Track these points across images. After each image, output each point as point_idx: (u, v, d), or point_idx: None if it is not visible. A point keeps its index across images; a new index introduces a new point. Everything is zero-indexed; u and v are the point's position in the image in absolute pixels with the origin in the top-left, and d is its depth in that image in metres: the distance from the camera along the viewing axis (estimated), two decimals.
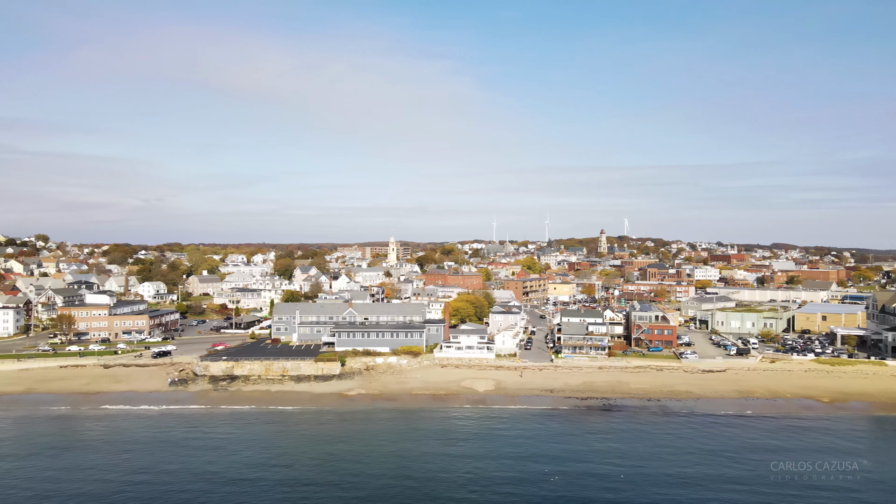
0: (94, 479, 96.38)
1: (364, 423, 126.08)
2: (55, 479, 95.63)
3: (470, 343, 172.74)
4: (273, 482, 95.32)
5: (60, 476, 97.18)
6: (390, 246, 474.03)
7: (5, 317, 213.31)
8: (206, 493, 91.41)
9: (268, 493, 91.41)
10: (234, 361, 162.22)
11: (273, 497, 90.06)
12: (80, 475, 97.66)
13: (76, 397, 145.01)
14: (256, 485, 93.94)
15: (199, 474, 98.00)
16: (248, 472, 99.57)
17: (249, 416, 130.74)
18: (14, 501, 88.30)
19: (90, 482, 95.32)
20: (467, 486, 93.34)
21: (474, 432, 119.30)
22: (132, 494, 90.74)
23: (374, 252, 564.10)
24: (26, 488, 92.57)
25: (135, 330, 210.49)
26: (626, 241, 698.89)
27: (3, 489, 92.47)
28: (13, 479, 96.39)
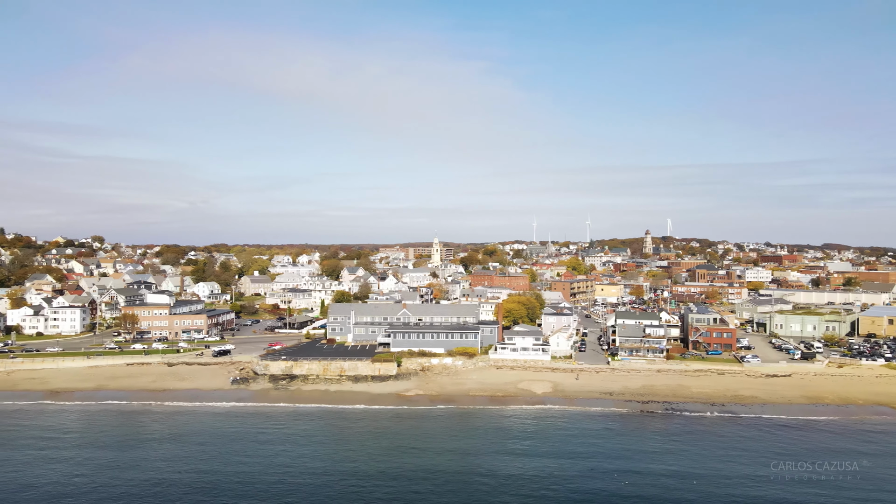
0: (169, 471, 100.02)
1: (425, 422, 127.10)
2: (135, 470, 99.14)
3: (525, 345, 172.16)
4: (342, 477, 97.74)
5: (139, 466, 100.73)
6: (434, 247, 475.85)
7: (73, 315, 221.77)
8: (277, 486, 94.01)
9: (338, 488, 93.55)
10: (293, 361, 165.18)
11: (343, 491, 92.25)
12: (156, 466, 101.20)
13: (145, 394, 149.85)
14: (327, 480, 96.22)
15: (271, 469, 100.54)
16: (318, 467, 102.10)
17: (312, 415, 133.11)
18: (106, 489, 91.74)
19: (165, 473, 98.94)
20: (537, 485, 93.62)
21: (537, 433, 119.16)
22: (207, 487, 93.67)
23: (417, 253, 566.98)
24: (111, 477, 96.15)
25: (193, 329, 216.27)
26: (671, 241, 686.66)
27: (89, 479, 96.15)
28: (97, 469, 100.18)
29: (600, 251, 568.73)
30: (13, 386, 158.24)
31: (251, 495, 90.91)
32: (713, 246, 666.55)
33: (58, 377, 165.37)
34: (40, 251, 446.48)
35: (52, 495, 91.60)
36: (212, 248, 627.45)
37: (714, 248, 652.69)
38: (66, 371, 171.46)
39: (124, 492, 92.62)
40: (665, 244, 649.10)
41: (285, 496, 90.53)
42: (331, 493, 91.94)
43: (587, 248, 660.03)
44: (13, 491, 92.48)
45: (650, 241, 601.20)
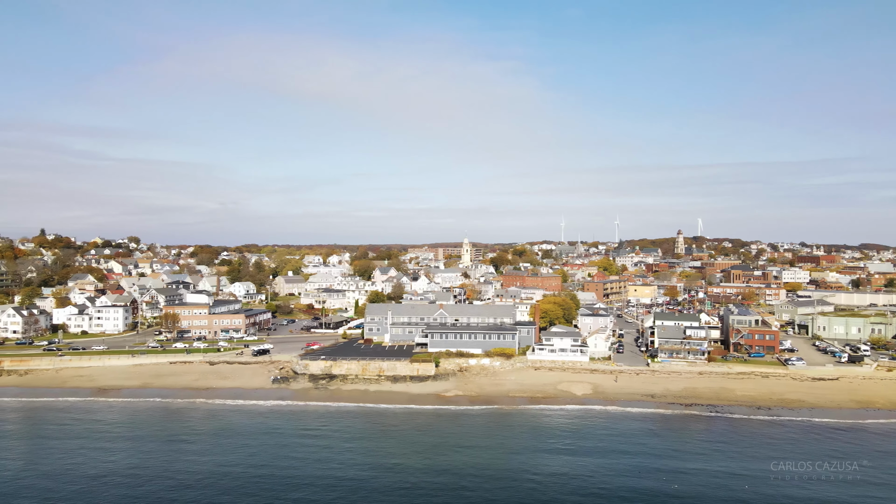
0: (218, 465, 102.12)
1: (467, 421, 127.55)
2: (186, 463, 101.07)
3: (563, 346, 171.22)
4: (387, 472, 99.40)
5: (190, 461, 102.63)
6: (464, 247, 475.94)
7: (116, 315, 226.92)
8: (323, 480, 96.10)
9: (384, 482, 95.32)
10: (332, 361, 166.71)
11: (389, 485, 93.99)
12: (205, 461, 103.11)
13: (189, 392, 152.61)
14: (372, 475, 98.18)
15: (317, 465, 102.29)
16: (363, 462, 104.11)
17: (353, 413, 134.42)
18: (160, 480, 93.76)
19: (214, 467, 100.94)
20: (585, 483, 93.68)
21: (581, 433, 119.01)
22: (257, 481, 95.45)
23: (447, 254, 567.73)
24: (164, 469, 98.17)
25: (232, 329, 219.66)
26: (702, 241, 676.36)
27: (143, 470, 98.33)
28: (149, 462, 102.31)
29: (631, 251, 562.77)
30: (62, 383, 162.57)
31: (300, 488, 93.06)
32: (746, 246, 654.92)
33: (104, 375, 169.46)
34: (80, 251, 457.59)
35: (109, 484, 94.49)
36: (243, 248, 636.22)
37: (747, 248, 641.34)
38: (111, 369, 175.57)
39: (178, 482, 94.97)
40: (696, 244, 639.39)
41: (332, 490, 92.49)
42: (377, 486, 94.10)
43: (616, 248, 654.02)
44: (69, 480, 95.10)
45: (682, 241, 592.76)
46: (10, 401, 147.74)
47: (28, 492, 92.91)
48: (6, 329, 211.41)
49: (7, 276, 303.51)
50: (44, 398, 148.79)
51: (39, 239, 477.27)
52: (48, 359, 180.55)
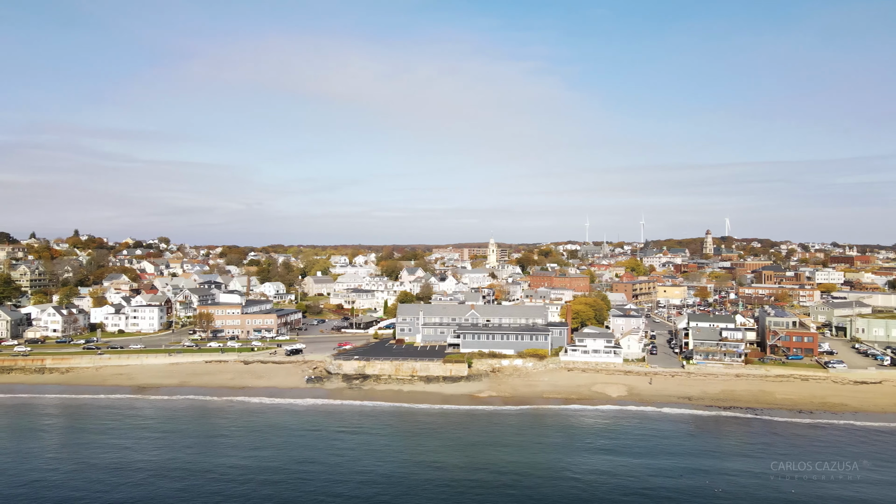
0: (259, 462, 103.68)
1: (503, 421, 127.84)
2: (229, 459, 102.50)
3: (596, 347, 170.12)
4: (428, 469, 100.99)
5: (231, 457, 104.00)
6: (490, 247, 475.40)
7: (151, 314, 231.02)
8: (365, 474, 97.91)
9: (424, 476, 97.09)
10: (366, 361, 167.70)
11: (430, 480, 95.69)
12: (246, 458, 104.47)
13: (225, 391, 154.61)
14: (413, 472, 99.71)
15: (358, 462, 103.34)
16: (403, 460, 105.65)
17: (389, 413, 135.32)
18: (204, 476, 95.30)
19: (256, 463, 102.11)
20: (629, 485, 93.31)
21: (620, 434, 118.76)
22: (300, 478, 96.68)
23: (472, 254, 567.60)
24: (208, 466, 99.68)
25: (264, 328, 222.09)
26: (730, 241, 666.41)
27: (186, 465, 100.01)
28: (193, 458, 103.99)
29: (658, 252, 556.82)
30: (103, 381, 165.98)
31: (341, 483, 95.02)
32: (776, 246, 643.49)
33: (143, 373, 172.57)
34: (112, 252, 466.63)
35: (159, 478, 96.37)
36: (269, 248, 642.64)
37: (777, 248, 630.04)
38: (149, 367, 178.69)
39: (221, 477, 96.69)
40: (726, 244, 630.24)
41: (373, 485, 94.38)
42: (416, 482, 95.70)
43: (642, 248, 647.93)
44: (118, 474, 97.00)
45: (710, 241, 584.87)
46: (54, 398, 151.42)
47: (80, 485, 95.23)
48: (46, 328, 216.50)
49: (45, 276, 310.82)
50: (86, 395, 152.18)
51: (73, 239, 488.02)
52: (88, 357, 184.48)
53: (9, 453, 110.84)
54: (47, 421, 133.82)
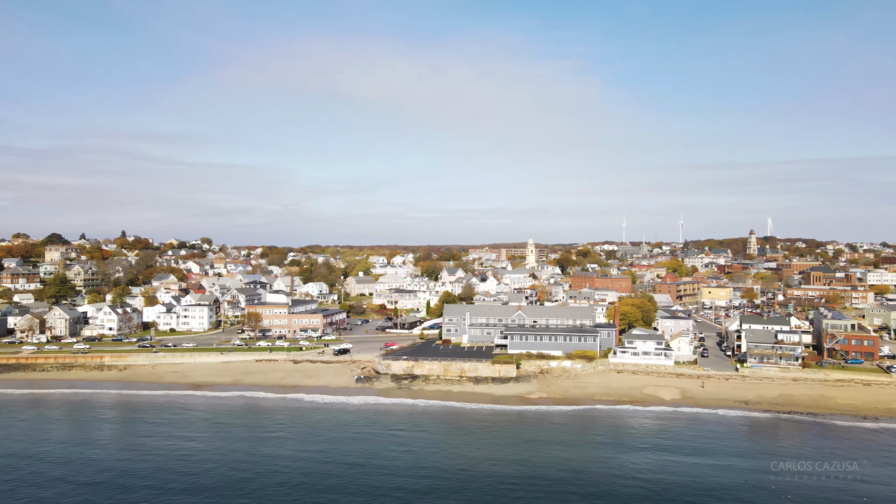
0: (318, 461, 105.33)
1: (556, 423, 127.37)
2: (290, 458, 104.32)
3: (646, 349, 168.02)
4: (485, 467, 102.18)
5: (291, 456, 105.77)
6: (528, 248, 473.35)
7: (201, 313, 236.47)
8: (423, 470, 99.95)
9: (480, 471, 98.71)
10: (414, 361, 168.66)
11: (488, 475, 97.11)
12: (307, 456, 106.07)
13: (277, 389, 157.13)
14: (471, 469, 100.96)
15: (415, 461, 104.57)
16: (459, 456, 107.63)
17: (441, 413, 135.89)
18: (271, 475, 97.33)
19: (315, 464, 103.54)
20: (698, 485, 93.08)
21: (681, 436, 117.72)
22: (356, 476, 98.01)
23: (509, 254, 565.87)
24: (274, 463, 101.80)
25: (310, 328, 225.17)
26: (774, 241, 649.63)
27: (253, 459, 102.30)
28: (259, 454, 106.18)
29: (700, 252, 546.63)
30: (159, 378, 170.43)
31: (398, 477, 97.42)
32: (822, 246, 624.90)
33: (196, 371, 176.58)
34: (158, 252, 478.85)
35: (220, 473, 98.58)
36: (307, 249, 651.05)
37: (823, 248, 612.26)
38: (202, 365, 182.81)
39: (283, 474, 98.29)
40: (770, 244, 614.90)
41: (426, 478, 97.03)
42: (475, 474, 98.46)
43: (682, 248, 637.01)
44: (183, 467, 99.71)
45: (755, 241, 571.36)
46: (115, 393, 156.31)
47: (148, 477, 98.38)
48: (103, 326, 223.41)
49: (97, 275, 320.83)
50: (145, 391, 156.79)
51: (120, 240, 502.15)
52: (144, 355, 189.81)
53: (83, 444, 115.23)
54: (111, 415, 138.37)
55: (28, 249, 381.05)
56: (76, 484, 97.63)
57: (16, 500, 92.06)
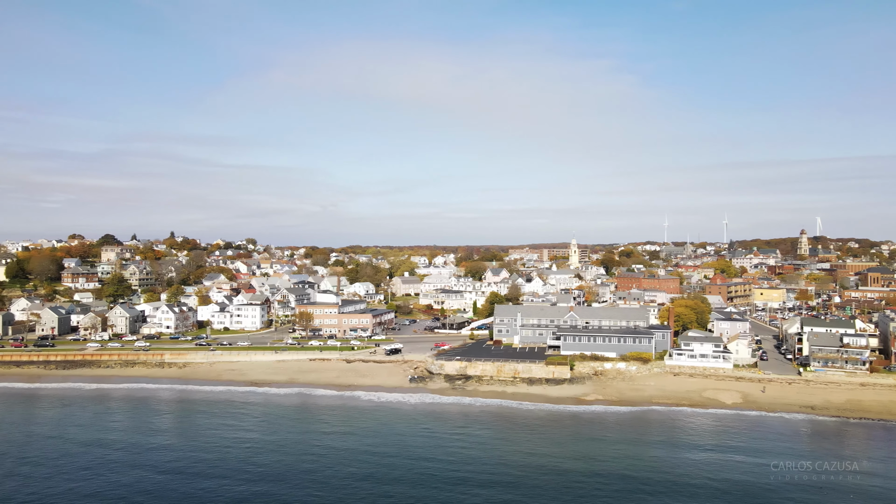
0: (382, 458, 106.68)
1: (617, 424, 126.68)
2: (360, 454, 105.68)
3: (703, 351, 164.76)
4: (546, 462, 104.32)
5: (356, 452, 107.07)
6: (571, 248, 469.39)
7: (253, 312, 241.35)
8: (483, 473, 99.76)
9: (545, 466, 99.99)
10: (467, 362, 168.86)
11: (552, 471, 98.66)
12: (371, 455, 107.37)
13: (334, 388, 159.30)
14: (534, 468, 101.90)
15: (481, 460, 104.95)
16: (520, 454, 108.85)
17: (499, 413, 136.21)
18: (339, 468, 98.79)
19: (376, 467, 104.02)
20: (769, 488, 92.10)
21: (745, 439, 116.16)
22: (425, 475, 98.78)
23: (551, 255, 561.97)
24: (343, 458, 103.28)
25: (360, 328, 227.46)
26: (826, 242, 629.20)
27: (322, 455, 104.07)
28: (328, 451, 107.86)
29: (747, 252, 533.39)
30: (217, 376, 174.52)
31: (462, 471, 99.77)
32: (876, 246, 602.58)
33: (253, 369, 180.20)
34: (205, 252, 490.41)
35: (292, 459, 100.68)
36: (348, 249, 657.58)
37: (878, 248, 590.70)
38: (257, 364, 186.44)
39: (350, 472, 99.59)
40: (821, 244, 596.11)
41: (493, 475, 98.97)
42: (536, 469, 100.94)
43: (727, 248, 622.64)
44: (257, 464, 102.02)
45: (806, 241, 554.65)
46: (179, 389, 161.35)
47: (217, 467, 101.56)
48: (160, 324, 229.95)
49: (151, 275, 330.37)
50: (206, 388, 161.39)
51: (169, 241, 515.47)
52: (202, 353, 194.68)
53: (153, 435, 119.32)
54: (177, 410, 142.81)
55: (85, 250, 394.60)
56: (153, 470, 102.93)
57: (98, 485, 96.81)
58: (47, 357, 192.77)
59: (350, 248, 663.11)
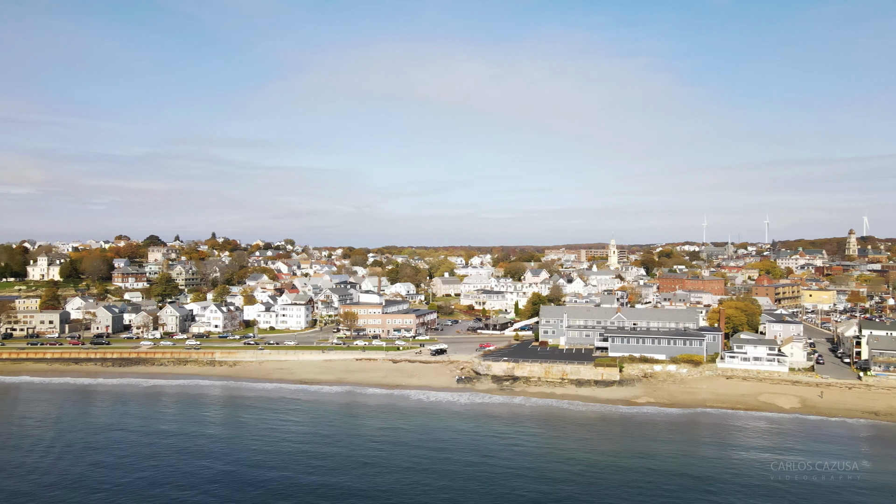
0: (439, 454, 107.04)
1: (672, 426, 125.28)
2: (420, 450, 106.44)
3: (757, 354, 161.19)
4: (605, 462, 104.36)
5: (409, 449, 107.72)
6: (610, 248, 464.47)
7: (298, 312, 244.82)
8: (535, 473, 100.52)
9: (607, 479, 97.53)
10: (514, 363, 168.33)
11: (613, 483, 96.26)
12: (424, 452, 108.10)
13: (382, 388, 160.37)
14: (591, 469, 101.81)
15: (537, 460, 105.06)
16: (580, 455, 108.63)
17: (550, 413, 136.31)
18: (401, 462, 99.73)
19: (432, 469, 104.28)
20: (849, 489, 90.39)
21: (810, 443, 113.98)
22: (474, 472, 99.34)
23: (588, 255, 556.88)
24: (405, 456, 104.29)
25: (403, 328, 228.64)
26: (874, 242, 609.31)
27: (389, 453, 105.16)
28: (395, 447, 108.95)
29: (792, 253, 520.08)
30: (267, 375, 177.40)
31: (517, 476, 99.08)
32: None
33: (301, 368, 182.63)
34: (246, 252, 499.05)
35: (351, 457, 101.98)
36: (384, 249, 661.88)
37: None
38: (305, 363, 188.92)
39: (404, 471, 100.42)
40: (871, 245, 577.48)
41: (549, 472, 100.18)
42: (595, 467, 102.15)
43: (770, 249, 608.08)
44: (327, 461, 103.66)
45: (854, 241, 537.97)
46: (234, 386, 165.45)
47: (277, 457, 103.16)
48: (209, 323, 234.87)
49: (197, 275, 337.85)
50: (258, 385, 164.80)
51: (211, 241, 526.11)
52: (251, 352, 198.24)
53: (211, 429, 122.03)
54: (234, 407, 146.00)
55: (133, 250, 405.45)
56: (218, 461, 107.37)
57: (166, 473, 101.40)
58: (104, 354, 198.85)
59: (385, 249, 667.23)
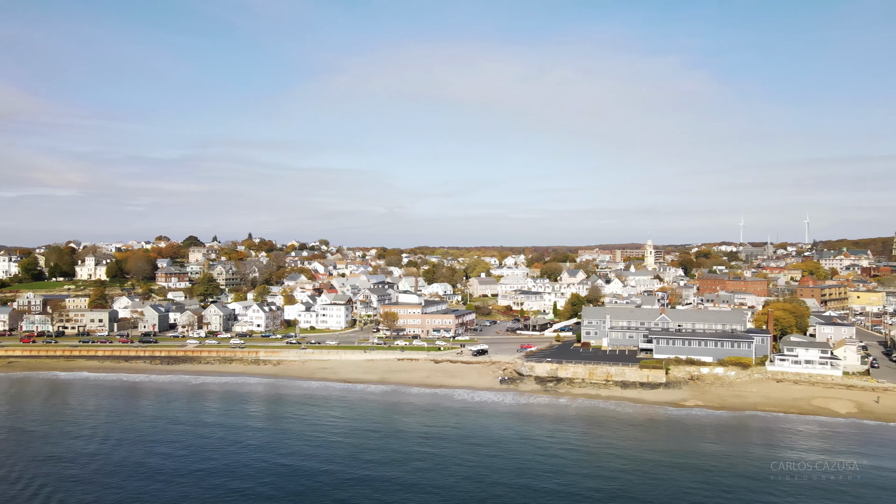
0: (485, 457, 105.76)
1: (724, 429, 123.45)
2: (451, 454, 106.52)
3: (809, 357, 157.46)
4: (656, 464, 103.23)
5: (450, 447, 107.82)
6: (647, 249, 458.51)
7: (338, 312, 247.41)
8: (585, 471, 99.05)
9: (658, 480, 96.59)
10: (558, 364, 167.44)
11: (664, 484, 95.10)
12: (469, 453, 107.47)
13: (425, 388, 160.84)
14: (642, 471, 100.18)
15: (577, 458, 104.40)
16: (626, 455, 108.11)
17: (597, 415, 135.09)
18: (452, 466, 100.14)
19: (481, 459, 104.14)
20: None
21: (867, 446, 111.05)
22: (519, 470, 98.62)
23: (624, 256, 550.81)
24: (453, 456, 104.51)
25: (443, 328, 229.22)
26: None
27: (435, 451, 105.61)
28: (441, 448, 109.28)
29: (836, 253, 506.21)
30: (311, 374, 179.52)
31: (562, 476, 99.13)
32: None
33: (344, 368, 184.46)
34: (283, 253, 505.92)
35: (413, 452, 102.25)
36: (416, 250, 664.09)
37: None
38: (347, 363, 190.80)
39: (449, 471, 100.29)
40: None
41: (600, 473, 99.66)
42: (647, 464, 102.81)
43: (812, 249, 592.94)
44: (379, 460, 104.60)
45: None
46: (281, 384, 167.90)
47: (328, 450, 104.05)
48: (251, 322, 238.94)
49: (237, 275, 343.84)
50: (303, 384, 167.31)
51: (247, 242, 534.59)
52: (294, 351, 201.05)
53: (261, 423, 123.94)
54: (281, 404, 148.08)
55: (174, 251, 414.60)
56: (275, 453, 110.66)
57: (226, 464, 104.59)
58: (152, 353, 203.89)
59: (418, 249, 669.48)
